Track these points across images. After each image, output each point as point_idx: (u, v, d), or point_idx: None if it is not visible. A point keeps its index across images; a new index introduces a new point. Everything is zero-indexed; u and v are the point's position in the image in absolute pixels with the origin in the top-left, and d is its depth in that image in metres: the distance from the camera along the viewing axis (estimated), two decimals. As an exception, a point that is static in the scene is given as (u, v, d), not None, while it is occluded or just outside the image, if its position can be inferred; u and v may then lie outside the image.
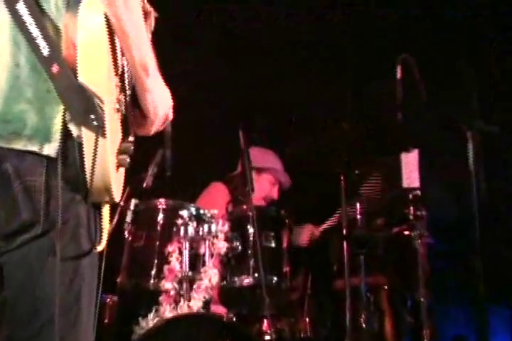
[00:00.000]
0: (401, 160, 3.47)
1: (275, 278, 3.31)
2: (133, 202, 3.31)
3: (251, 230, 3.34)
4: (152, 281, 3.17)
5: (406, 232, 3.53)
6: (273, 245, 3.37)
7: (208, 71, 4.62)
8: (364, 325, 3.78)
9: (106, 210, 1.73)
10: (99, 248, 1.68)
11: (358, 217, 3.81)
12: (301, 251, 4.14)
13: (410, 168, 3.44)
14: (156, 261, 3.20)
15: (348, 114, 4.20)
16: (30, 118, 1.58)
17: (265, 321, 3.49)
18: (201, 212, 3.29)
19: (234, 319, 3.26)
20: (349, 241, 3.60)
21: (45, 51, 1.53)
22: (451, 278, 4.23)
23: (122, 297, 3.36)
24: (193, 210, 3.28)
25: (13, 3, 1.56)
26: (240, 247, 3.32)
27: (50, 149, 1.57)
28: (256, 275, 3.24)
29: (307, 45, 4.77)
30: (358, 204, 3.83)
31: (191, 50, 4.62)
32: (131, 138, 1.77)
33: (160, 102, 1.76)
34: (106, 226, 1.71)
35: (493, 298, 3.29)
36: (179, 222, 3.21)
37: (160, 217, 3.29)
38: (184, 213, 3.23)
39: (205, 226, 3.24)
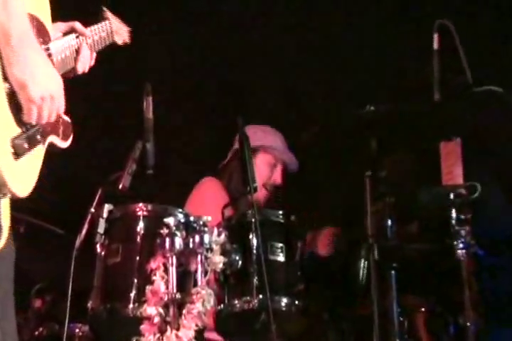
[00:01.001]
0: (440, 151, 3.27)
1: (285, 300, 3.10)
2: (106, 207, 3.09)
3: (254, 241, 3.15)
4: (131, 306, 2.94)
5: (447, 241, 3.30)
6: (282, 259, 3.17)
7: (207, 70, 4.79)
8: (396, 357, 3.64)
9: (5, 205, 1.74)
10: None
11: (388, 223, 3.56)
12: (317, 267, 3.93)
13: (451, 160, 3.24)
14: (135, 280, 2.98)
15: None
16: None
17: (272, 353, 3.32)
18: (191, 219, 3.08)
19: (234, 351, 3.21)
20: (377, 253, 3.36)
21: None
22: (505, 297, 3.93)
23: (95, 326, 3.17)
24: (180, 217, 3.07)
25: None
26: (240, 262, 3.12)
27: None
28: (261, 296, 3.04)
29: (307, 45, 4.89)
30: (387, 208, 3.58)
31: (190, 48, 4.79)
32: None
33: (33, 80, 1.79)
34: (6, 223, 1.72)
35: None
36: (164, 231, 2.96)
37: (140, 225, 3.08)
38: (170, 220, 2.98)
39: (197, 237, 3.00)
